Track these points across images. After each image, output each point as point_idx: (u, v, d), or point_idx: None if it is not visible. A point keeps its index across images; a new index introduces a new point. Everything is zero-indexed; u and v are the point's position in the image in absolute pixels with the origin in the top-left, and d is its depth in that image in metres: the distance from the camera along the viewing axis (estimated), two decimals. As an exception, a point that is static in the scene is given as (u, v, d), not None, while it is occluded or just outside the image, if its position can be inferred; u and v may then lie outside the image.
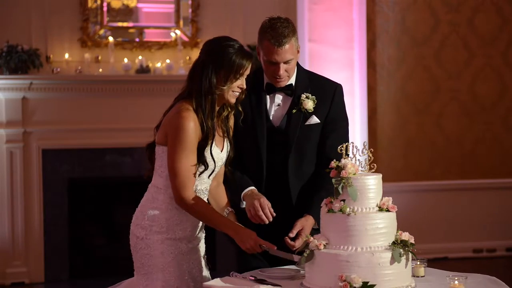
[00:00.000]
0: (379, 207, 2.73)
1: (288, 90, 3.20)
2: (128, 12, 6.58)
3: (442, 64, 7.06)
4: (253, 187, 3.14)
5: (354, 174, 2.73)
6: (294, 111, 3.19)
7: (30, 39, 6.27)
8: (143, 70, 6.37)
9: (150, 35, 6.60)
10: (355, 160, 2.79)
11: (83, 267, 6.48)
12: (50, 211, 6.30)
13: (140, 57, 6.42)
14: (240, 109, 3.13)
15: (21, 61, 6.08)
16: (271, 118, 3.22)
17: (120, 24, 6.54)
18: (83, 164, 6.38)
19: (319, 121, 3.21)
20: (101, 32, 6.46)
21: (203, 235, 3.19)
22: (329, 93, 3.26)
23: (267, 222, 3.03)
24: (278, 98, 3.22)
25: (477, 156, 7.14)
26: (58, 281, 6.31)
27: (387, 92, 6.97)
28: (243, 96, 3.08)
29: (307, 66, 6.51)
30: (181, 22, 6.59)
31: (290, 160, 3.20)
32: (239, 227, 2.99)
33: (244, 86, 3.03)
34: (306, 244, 2.75)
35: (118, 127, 6.32)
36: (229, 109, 3.09)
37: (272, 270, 3.00)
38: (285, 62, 3.10)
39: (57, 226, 6.33)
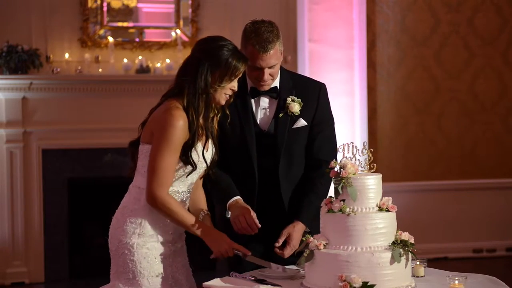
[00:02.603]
0: (379, 207, 2.73)
1: (273, 93, 3.17)
2: (128, 12, 6.58)
3: (442, 64, 7.06)
4: (238, 197, 3.10)
5: (354, 174, 2.73)
6: (281, 115, 3.16)
7: (30, 39, 6.27)
8: (143, 70, 6.37)
9: (150, 35, 6.60)
10: (355, 160, 2.79)
11: (83, 267, 6.48)
12: (50, 211, 6.31)
13: (140, 57, 6.42)
14: (228, 112, 3.08)
15: (21, 61, 6.08)
16: (258, 122, 3.19)
17: (120, 24, 6.54)
18: (83, 164, 6.38)
19: (306, 124, 3.19)
20: (101, 32, 6.46)
21: (184, 236, 3.11)
22: (314, 94, 3.22)
23: (253, 233, 3.02)
24: (264, 101, 3.19)
25: (477, 156, 7.14)
26: (58, 281, 6.31)
27: (387, 92, 6.97)
28: (231, 100, 3.04)
29: (307, 66, 6.52)
30: (181, 22, 6.59)
31: (281, 164, 3.17)
32: (212, 229, 2.94)
33: (236, 88, 2.99)
34: (306, 244, 2.75)
35: (118, 127, 6.31)
36: (216, 111, 3.04)
37: (272, 270, 2.99)
38: (270, 67, 3.07)
39: (57, 226, 6.33)
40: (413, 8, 6.99)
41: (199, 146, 2.94)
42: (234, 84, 2.98)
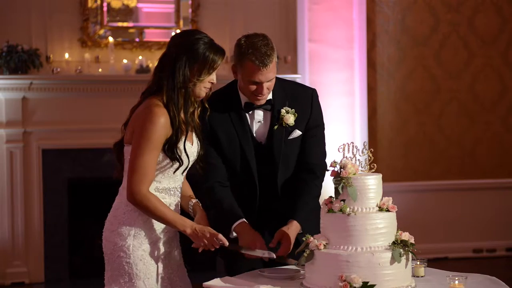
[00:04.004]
0: (379, 207, 2.73)
1: (267, 105, 3.15)
2: (128, 12, 6.58)
3: (442, 64, 7.06)
4: (243, 219, 3.09)
5: (354, 174, 2.73)
6: (276, 127, 3.16)
7: (30, 39, 6.27)
8: (143, 70, 6.37)
9: (150, 35, 6.60)
10: (355, 160, 2.79)
11: (83, 267, 6.48)
12: (50, 211, 6.30)
13: (140, 57, 6.42)
14: (207, 105, 3.07)
15: (21, 61, 6.08)
16: (254, 135, 3.18)
17: (120, 24, 6.54)
18: (83, 164, 6.37)
19: (301, 133, 3.19)
20: (101, 32, 6.46)
21: (178, 235, 3.09)
22: (307, 102, 3.22)
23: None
24: (258, 114, 3.18)
25: (477, 156, 7.14)
26: (58, 281, 6.31)
27: (387, 92, 6.97)
28: (211, 92, 3.02)
29: (307, 66, 6.52)
30: (181, 22, 6.59)
31: (279, 173, 3.19)
32: (195, 224, 2.91)
33: (215, 81, 2.98)
34: (306, 244, 2.75)
35: (118, 127, 6.21)
36: (196, 105, 3.02)
37: (272, 270, 2.99)
38: (268, 81, 3.05)
39: (57, 226, 6.33)
40: (413, 8, 6.99)
41: (183, 141, 2.93)
42: (213, 77, 2.97)
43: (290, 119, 3.15)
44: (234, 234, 3.08)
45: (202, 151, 3.05)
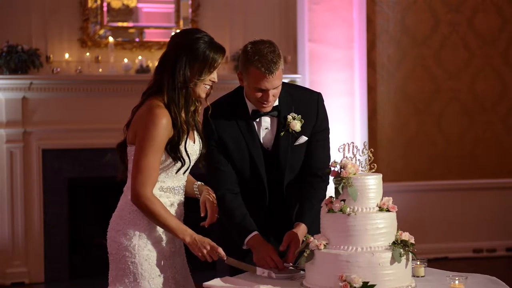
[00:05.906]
0: (379, 207, 2.73)
1: (274, 111, 3.14)
2: (128, 12, 6.58)
3: (442, 64, 7.06)
4: (256, 232, 3.09)
5: (354, 174, 2.73)
6: (282, 133, 3.15)
7: (30, 39, 6.27)
8: (143, 70, 6.37)
9: (150, 35, 6.60)
10: (356, 160, 2.79)
11: (83, 267, 6.49)
12: (50, 211, 6.30)
13: (140, 57, 6.42)
14: (208, 103, 3.06)
15: (21, 61, 6.08)
16: (262, 141, 3.18)
17: (120, 24, 6.54)
18: (83, 164, 6.37)
19: (307, 139, 3.19)
20: (101, 32, 6.46)
21: None
22: (313, 107, 3.21)
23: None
24: (265, 121, 3.17)
25: (477, 156, 7.14)
26: (58, 281, 6.31)
27: (387, 92, 6.97)
28: (211, 91, 3.00)
29: (307, 66, 6.52)
30: (181, 22, 6.59)
31: (286, 179, 3.19)
32: (196, 234, 2.90)
33: (216, 80, 2.97)
34: (306, 244, 2.75)
35: (118, 127, 6.20)
36: (196, 104, 3.01)
37: (273, 270, 2.99)
38: (274, 88, 3.03)
39: (57, 226, 6.33)
40: (413, 8, 6.99)
41: (184, 140, 2.92)
42: (214, 76, 2.96)
43: (296, 125, 3.14)
44: (247, 246, 3.08)
45: (205, 149, 3.04)
